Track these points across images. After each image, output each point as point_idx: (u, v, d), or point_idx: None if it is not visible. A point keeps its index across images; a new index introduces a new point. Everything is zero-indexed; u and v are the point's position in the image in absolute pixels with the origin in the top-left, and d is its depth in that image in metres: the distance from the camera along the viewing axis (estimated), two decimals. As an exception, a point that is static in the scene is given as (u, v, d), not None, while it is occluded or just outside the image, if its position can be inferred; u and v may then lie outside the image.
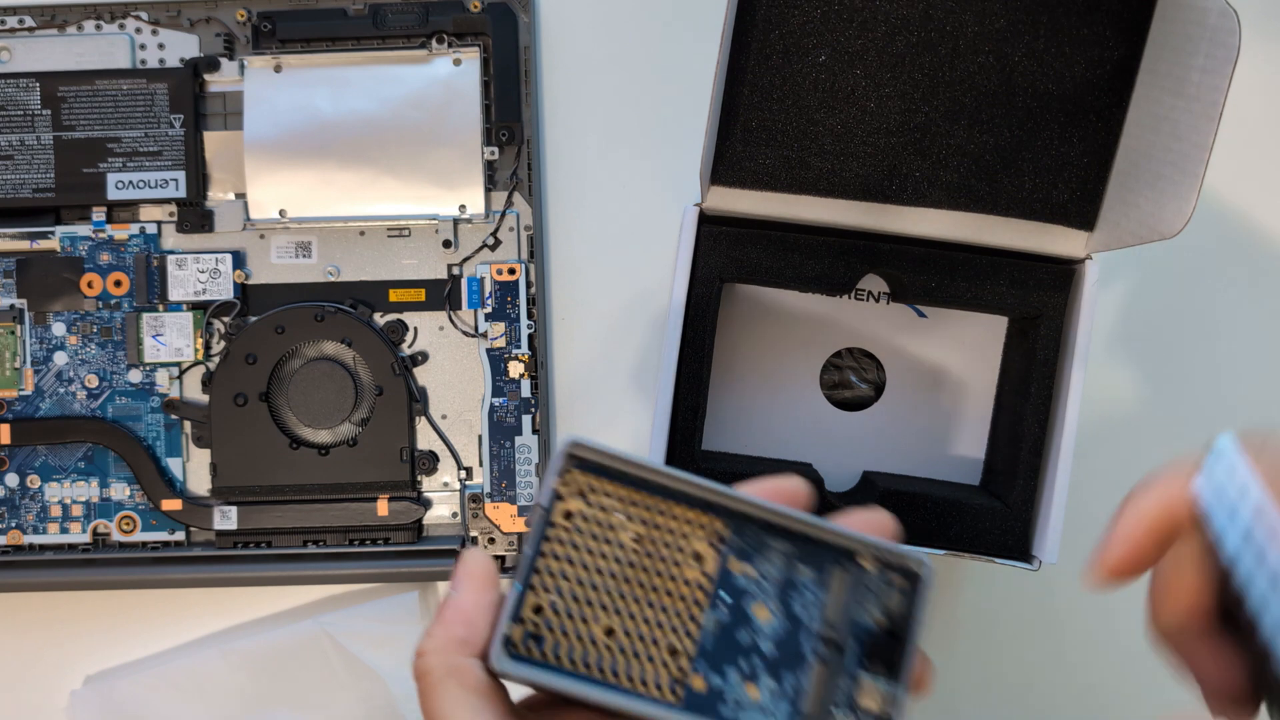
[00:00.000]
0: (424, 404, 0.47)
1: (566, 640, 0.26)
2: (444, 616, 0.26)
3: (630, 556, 0.26)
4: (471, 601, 0.26)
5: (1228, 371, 0.48)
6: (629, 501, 0.26)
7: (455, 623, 0.26)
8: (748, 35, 0.38)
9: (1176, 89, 0.35)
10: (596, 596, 0.26)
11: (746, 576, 0.27)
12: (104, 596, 0.47)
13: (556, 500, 0.26)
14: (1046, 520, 0.39)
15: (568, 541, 0.26)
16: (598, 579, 0.26)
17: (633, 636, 0.26)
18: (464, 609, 0.26)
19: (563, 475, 0.26)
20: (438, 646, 0.25)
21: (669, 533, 0.26)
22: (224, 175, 0.47)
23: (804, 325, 0.44)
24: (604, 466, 0.26)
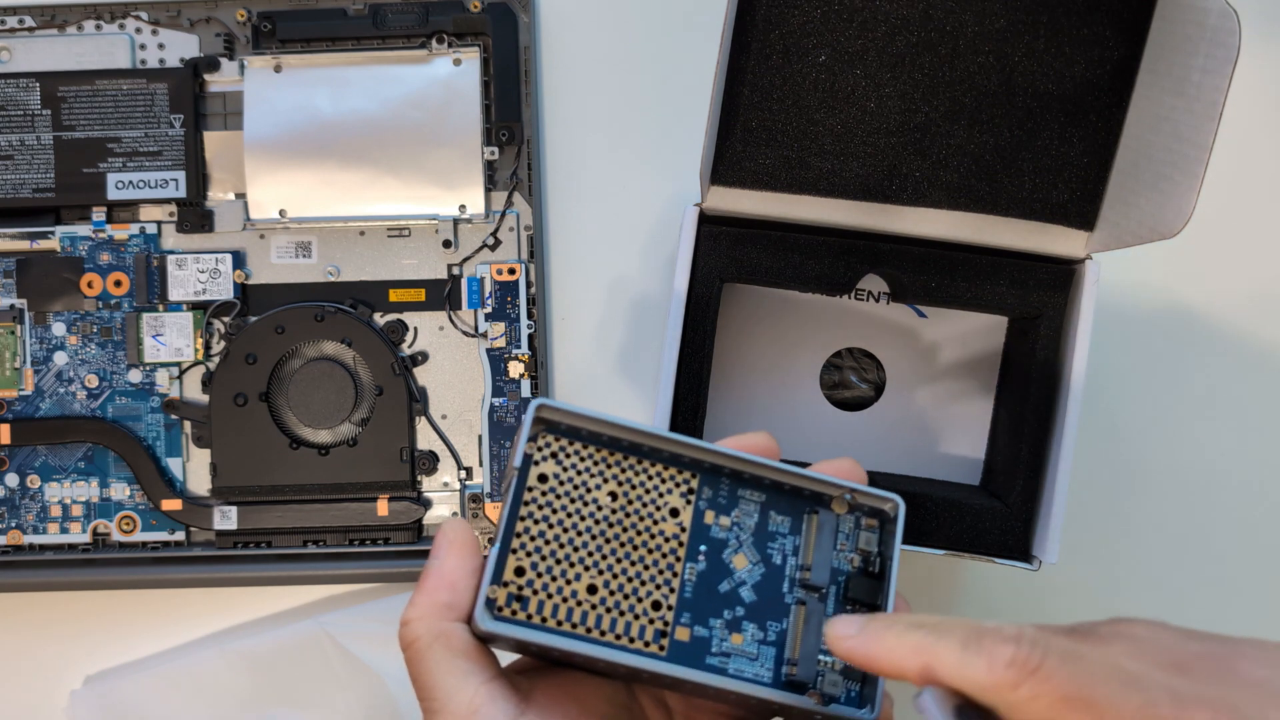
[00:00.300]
0: (424, 404, 0.47)
1: (550, 599, 0.26)
2: (426, 584, 0.26)
3: (607, 514, 0.27)
4: (453, 567, 0.26)
5: (1228, 372, 0.48)
6: (602, 461, 0.27)
7: (438, 589, 0.26)
8: (748, 35, 0.38)
9: (1176, 89, 0.35)
10: (577, 555, 0.26)
11: (722, 527, 0.27)
12: (104, 596, 0.47)
13: (531, 464, 0.26)
14: (1046, 520, 0.39)
15: (544, 504, 0.26)
16: (577, 538, 0.26)
17: (615, 592, 0.26)
18: (446, 575, 0.26)
19: (534, 438, 0.26)
20: (422, 614, 0.26)
21: (644, 489, 0.27)
22: (224, 175, 0.47)
23: (804, 325, 0.44)
24: (574, 428, 0.27)
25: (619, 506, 0.27)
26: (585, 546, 0.26)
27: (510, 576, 0.26)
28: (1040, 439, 0.40)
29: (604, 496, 0.27)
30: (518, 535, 0.26)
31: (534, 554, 0.26)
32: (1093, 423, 0.48)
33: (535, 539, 0.26)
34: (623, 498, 0.27)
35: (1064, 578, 0.46)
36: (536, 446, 0.26)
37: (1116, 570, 0.47)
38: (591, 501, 0.27)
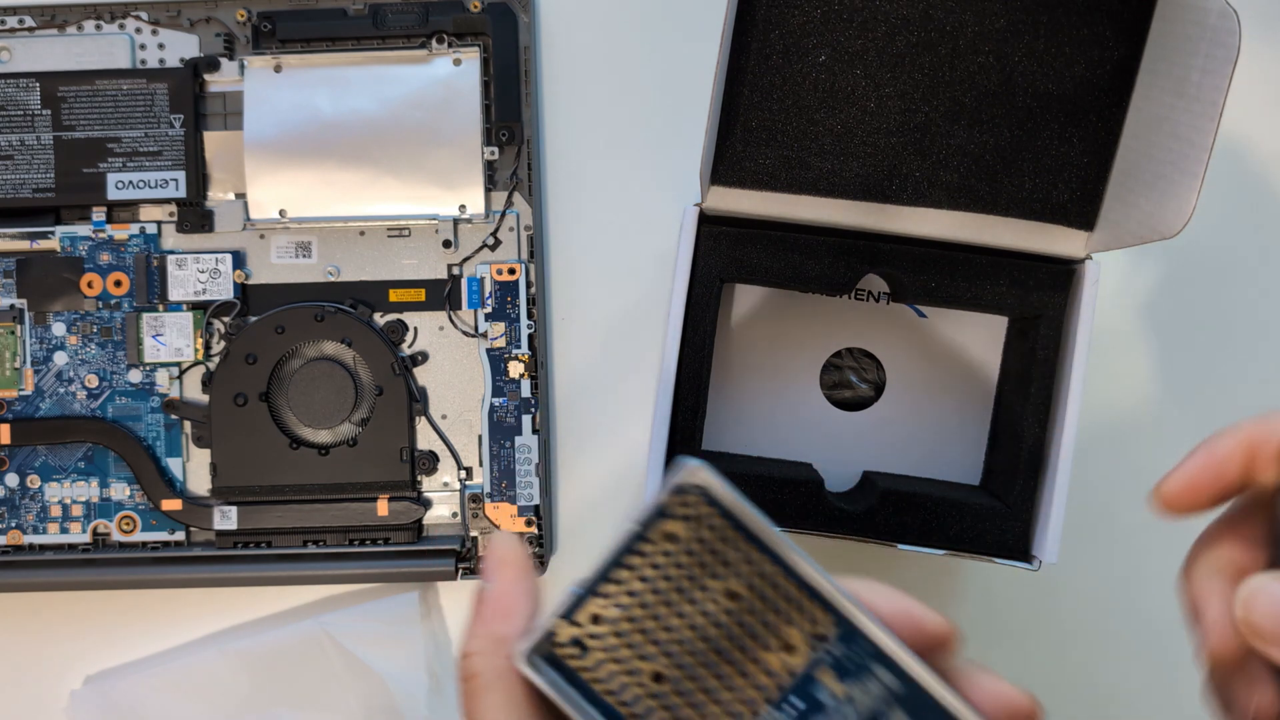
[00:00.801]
0: (424, 404, 0.47)
1: (613, 664, 0.23)
2: (483, 612, 0.24)
3: (716, 611, 0.23)
4: (508, 592, 0.24)
5: (1228, 371, 0.48)
6: (743, 554, 0.23)
7: (495, 618, 0.24)
8: (748, 35, 0.38)
9: (1176, 89, 0.35)
10: (664, 634, 0.23)
11: (832, 693, 0.23)
12: (104, 596, 0.47)
13: (665, 516, 0.23)
14: (1046, 520, 0.39)
15: (658, 564, 0.23)
16: (673, 617, 0.23)
17: (681, 695, 0.23)
18: (501, 602, 0.24)
19: (682, 491, 0.23)
20: (483, 647, 0.24)
21: (771, 606, 0.23)
22: (224, 175, 0.47)
23: (804, 325, 0.44)
24: (723, 506, 0.23)
25: (732, 609, 0.23)
26: (676, 630, 0.23)
27: (584, 619, 0.23)
28: (1040, 439, 0.40)
29: (722, 590, 0.23)
30: (614, 582, 0.23)
31: (620, 609, 0.23)
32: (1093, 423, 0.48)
33: (630, 595, 0.23)
34: (742, 604, 0.23)
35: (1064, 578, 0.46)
36: (681, 501, 0.23)
37: (1116, 570, 0.48)
38: (707, 589, 0.23)
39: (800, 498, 0.39)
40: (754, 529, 0.23)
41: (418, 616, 0.46)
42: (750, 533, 0.23)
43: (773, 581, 0.23)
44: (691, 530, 0.23)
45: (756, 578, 0.23)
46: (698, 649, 0.23)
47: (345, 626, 0.46)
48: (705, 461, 0.23)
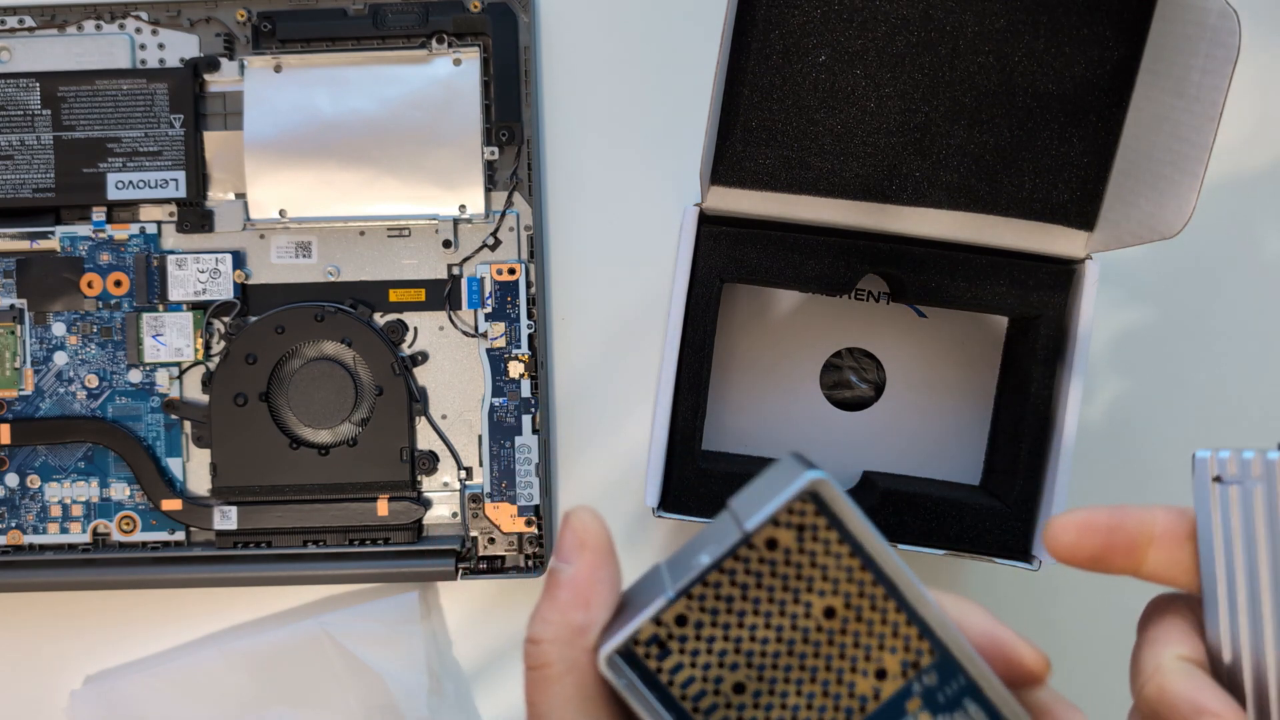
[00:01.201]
0: (424, 404, 0.47)
1: (693, 669, 0.22)
2: (557, 596, 0.22)
3: (809, 626, 0.22)
4: (587, 578, 0.22)
5: (1227, 372, 0.48)
6: (846, 571, 0.22)
7: (572, 606, 0.22)
8: (748, 35, 0.38)
9: (1176, 89, 0.35)
10: (751, 644, 0.22)
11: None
12: (104, 596, 0.47)
13: (772, 523, 0.21)
14: (1046, 520, 0.39)
15: (755, 571, 0.22)
16: (763, 628, 0.22)
17: (760, 710, 0.22)
18: (580, 588, 0.22)
19: (793, 505, 0.21)
20: (557, 635, 0.22)
21: (867, 629, 0.22)
22: (224, 175, 0.47)
23: (804, 325, 0.44)
24: (837, 519, 0.22)
25: (828, 628, 0.22)
26: (765, 643, 0.22)
27: (669, 619, 0.21)
28: (1040, 439, 0.40)
29: (820, 607, 0.22)
30: (708, 584, 0.21)
31: (709, 613, 0.22)
32: (1093, 423, 0.48)
33: (721, 600, 0.22)
34: (838, 622, 0.22)
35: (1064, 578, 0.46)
36: (789, 509, 0.21)
37: (1116, 570, 0.47)
38: (805, 604, 0.22)
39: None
40: (867, 546, 0.22)
41: (418, 616, 0.46)
42: (861, 549, 0.22)
43: (875, 603, 0.22)
44: (797, 540, 0.22)
45: (858, 597, 0.22)
46: (784, 663, 0.22)
47: (345, 626, 0.46)
48: (821, 473, 0.21)
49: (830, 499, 0.21)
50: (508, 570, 0.46)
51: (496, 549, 0.47)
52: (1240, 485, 0.23)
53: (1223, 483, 0.23)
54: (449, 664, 0.47)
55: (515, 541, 0.47)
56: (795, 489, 0.21)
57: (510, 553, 0.47)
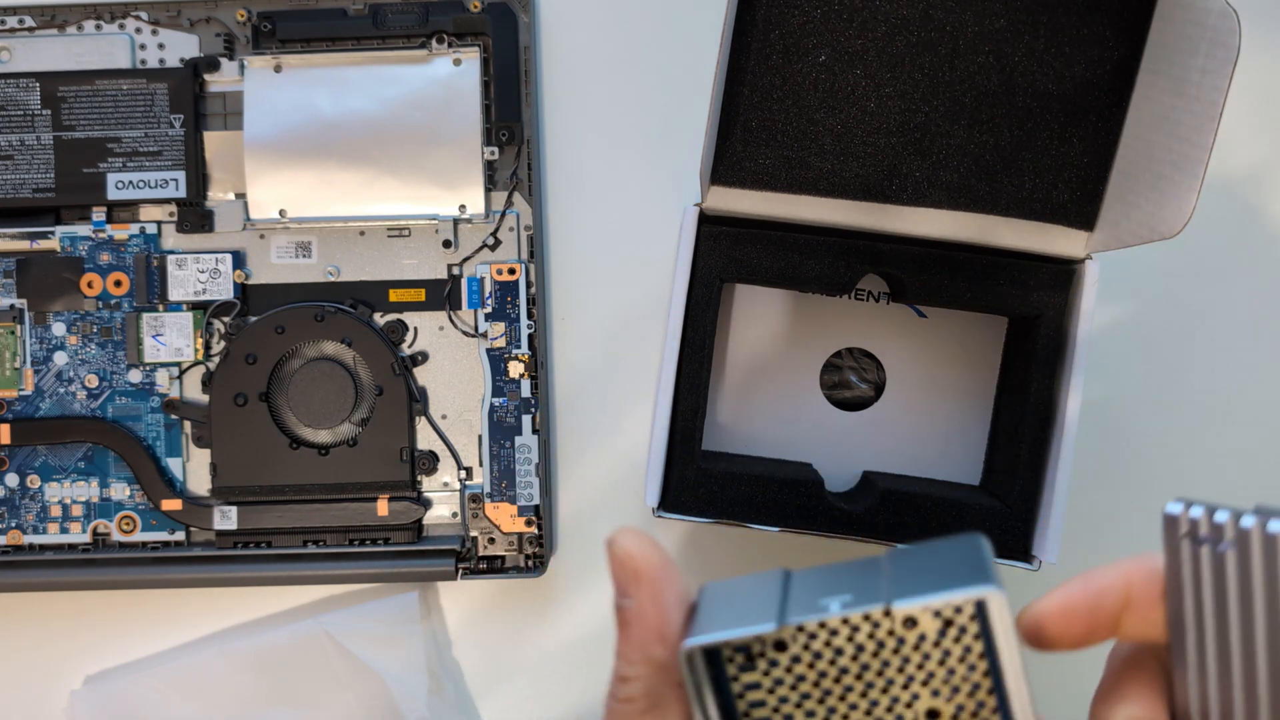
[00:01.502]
0: (424, 404, 0.47)
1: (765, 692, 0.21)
2: (630, 634, 0.21)
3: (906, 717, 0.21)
4: (653, 609, 0.21)
5: (1228, 372, 0.48)
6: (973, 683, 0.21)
7: (649, 642, 0.21)
8: (748, 35, 0.38)
9: (1176, 89, 0.35)
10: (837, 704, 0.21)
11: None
12: (104, 596, 0.47)
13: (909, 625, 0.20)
14: (1046, 520, 0.39)
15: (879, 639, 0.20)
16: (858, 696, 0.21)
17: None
18: (649, 622, 0.21)
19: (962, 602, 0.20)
20: (639, 672, 0.21)
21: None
22: (224, 175, 0.47)
23: (804, 325, 0.44)
24: (990, 636, 0.20)
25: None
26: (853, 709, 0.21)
27: (769, 639, 0.20)
28: (1040, 439, 0.40)
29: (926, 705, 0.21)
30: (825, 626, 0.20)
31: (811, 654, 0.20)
32: (1093, 422, 0.48)
33: (830, 648, 0.20)
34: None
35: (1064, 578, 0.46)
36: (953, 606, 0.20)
37: (1116, 570, 0.47)
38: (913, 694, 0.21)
39: (800, 498, 0.39)
40: (1006, 674, 0.20)
41: (418, 616, 0.46)
42: (998, 673, 0.21)
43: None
44: (939, 633, 0.20)
45: (970, 715, 0.21)
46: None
47: (345, 626, 0.46)
48: (1002, 587, 0.20)
49: (995, 616, 0.20)
50: (508, 570, 0.46)
51: (496, 549, 0.47)
52: (1212, 547, 0.21)
53: (1195, 541, 0.21)
54: (449, 664, 0.47)
55: (515, 541, 0.47)
56: (966, 594, 0.20)
57: (510, 553, 0.47)
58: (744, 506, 0.39)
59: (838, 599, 0.20)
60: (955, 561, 0.21)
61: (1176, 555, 0.21)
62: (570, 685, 0.48)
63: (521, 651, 0.48)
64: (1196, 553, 0.21)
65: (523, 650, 0.48)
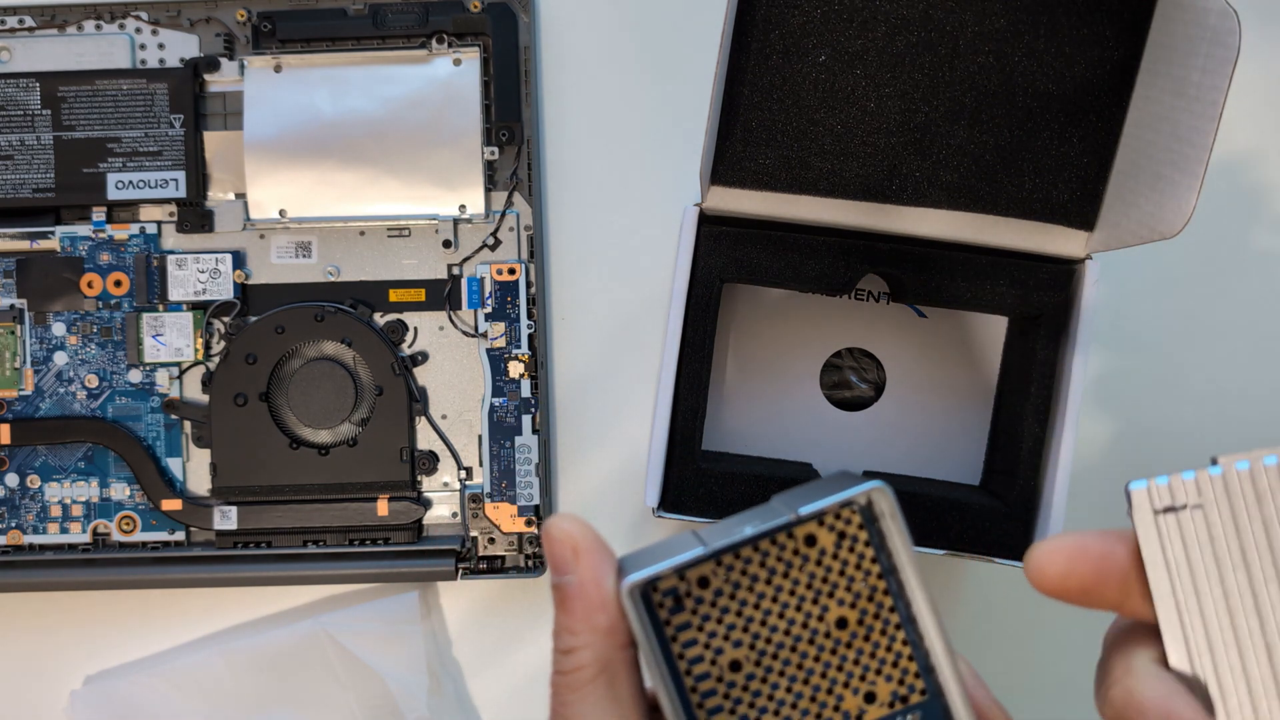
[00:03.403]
0: (424, 404, 0.47)
1: (699, 632, 0.22)
2: (574, 607, 0.22)
3: (820, 631, 0.22)
4: (594, 579, 0.22)
5: (1228, 372, 0.48)
6: (871, 587, 0.22)
7: (593, 610, 0.22)
8: (748, 35, 0.38)
9: (1176, 89, 0.35)
10: (760, 629, 0.22)
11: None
12: (104, 596, 0.47)
13: (816, 521, 0.22)
14: (1046, 520, 0.39)
15: (785, 561, 0.22)
16: (775, 618, 0.22)
17: (748, 694, 0.22)
18: (591, 591, 0.22)
19: (844, 507, 0.22)
20: (586, 641, 0.22)
21: (872, 649, 0.22)
22: (224, 175, 0.47)
23: (804, 325, 0.44)
24: (881, 536, 0.22)
25: (835, 637, 0.22)
26: (774, 631, 0.22)
27: (692, 577, 0.21)
28: (1040, 439, 0.40)
29: (835, 615, 0.22)
30: (740, 556, 0.22)
31: (731, 585, 0.22)
32: (1093, 423, 0.48)
33: (746, 576, 0.22)
34: (846, 635, 0.22)
35: (1064, 578, 0.46)
36: (836, 515, 0.22)
37: (1116, 570, 0.47)
38: (822, 607, 0.22)
39: (800, 498, 0.39)
40: (901, 572, 0.22)
41: (418, 616, 0.46)
42: (893, 573, 0.22)
43: (886, 628, 0.22)
44: (835, 544, 0.22)
45: (873, 617, 0.22)
46: (784, 657, 0.22)
47: (345, 626, 0.46)
48: (890, 486, 0.22)
49: (886, 513, 0.22)
50: (508, 570, 0.46)
51: (496, 549, 0.47)
52: (1195, 509, 0.21)
53: (1174, 511, 0.21)
54: (449, 664, 0.48)
55: (515, 541, 0.47)
56: (860, 490, 0.22)
57: (510, 553, 0.47)
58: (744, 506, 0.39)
59: (749, 525, 0.22)
60: (840, 483, 0.22)
61: (1152, 531, 0.22)
62: (570, 685, 0.48)
63: (521, 651, 0.48)
64: (1177, 522, 0.21)
65: (523, 650, 0.48)
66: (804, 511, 0.21)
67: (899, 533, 0.22)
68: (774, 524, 0.21)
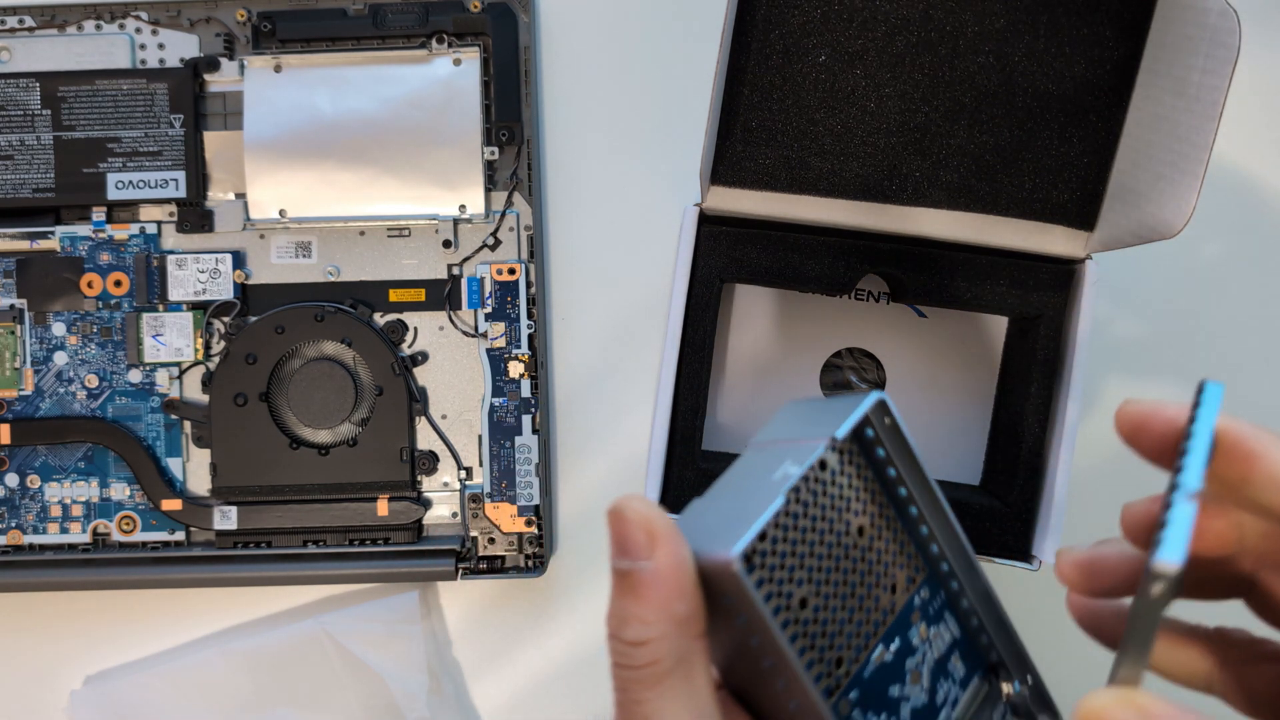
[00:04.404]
0: (424, 404, 0.47)
1: (771, 584, 0.22)
2: (648, 595, 0.20)
3: (848, 544, 0.23)
4: (674, 567, 0.21)
5: (1228, 372, 0.48)
6: (871, 494, 0.24)
7: (671, 599, 0.20)
8: (748, 35, 0.38)
9: (1176, 89, 0.35)
10: (810, 561, 0.22)
11: (919, 635, 0.24)
12: (104, 596, 0.47)
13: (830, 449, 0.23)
14: (1046, 520, 0.39)
15: (815, 490, 0.23)
16: (819, 544, 0.23)
17: (817, 623, 0.22)
18: (670, 579, 0.20)
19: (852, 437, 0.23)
20: (663, 631, 0.20)
21: (887, 546, 0.24)
22: (224, 175, 0.47)
23: (804, 325, 0.44)
24: (880, 441, 0.24)
25: (861, 545, 0.23)
26: (820, 558, 0.22)
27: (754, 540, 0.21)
28: (1040, 439, 0.40)
29: (856, 525, 0.23)
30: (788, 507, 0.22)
31: (781, 529, 0.22)
32: (1093, 423, 0.48)
33: (789, 517, 0.22)
34: (867, 541, 0.23)
35: (1064, 578, 0.46)
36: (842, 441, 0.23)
37: (1116, 570, 0.47)
38: (845, 522, 0.23)
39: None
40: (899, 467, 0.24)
41: (418, 616, 0.46)
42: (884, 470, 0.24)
43: (890, 521, 0.24)
44: (840, 464, 0.23)
45: (879, 516, 0.24)
46: (833, 579, 0.23)
47: (345, 626, 0.46)
48: (882, 394, 0.23)
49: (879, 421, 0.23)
50: (508, 570, 0.46)
51: (496, 549, 0.47)
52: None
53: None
54: (449, 664, 0.48)
55: (515, 541, 0.47)
56: (868, 403, 0.23)
57: (510, 553, 0.47)
58: (744, 506, 0.39)
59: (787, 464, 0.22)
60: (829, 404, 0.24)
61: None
62: (570, 685, 0.48)
63: (521, 651, 0.48)
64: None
65: (523, 650, 0.48)
66: (840, 434, 0.23)
67: (899, 430, 0.23)
68: (815, 456, 0.22)
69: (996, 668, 0.26)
